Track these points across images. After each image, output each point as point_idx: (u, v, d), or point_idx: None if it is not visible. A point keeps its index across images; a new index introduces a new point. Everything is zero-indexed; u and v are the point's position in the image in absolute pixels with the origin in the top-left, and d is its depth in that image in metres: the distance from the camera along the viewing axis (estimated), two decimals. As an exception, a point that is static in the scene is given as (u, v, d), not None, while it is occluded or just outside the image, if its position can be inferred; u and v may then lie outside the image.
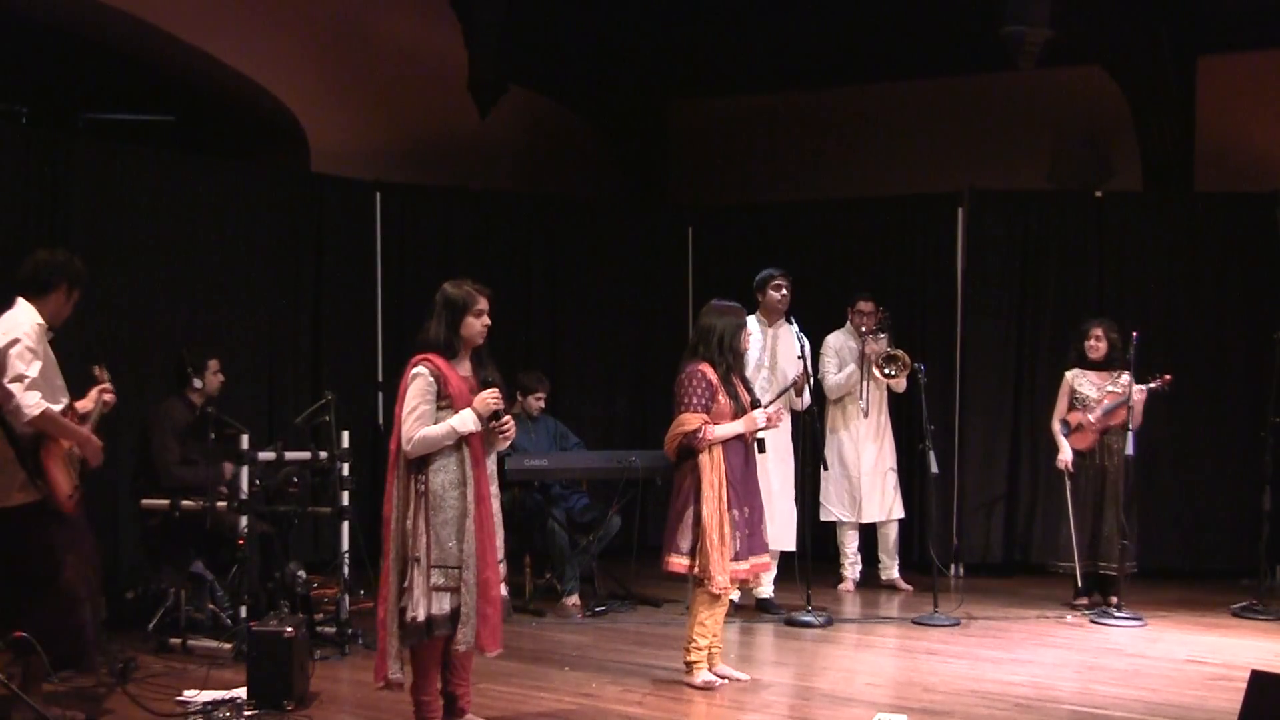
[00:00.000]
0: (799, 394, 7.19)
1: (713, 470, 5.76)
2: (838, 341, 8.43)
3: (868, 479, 8.37)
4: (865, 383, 8.27)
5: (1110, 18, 9.15)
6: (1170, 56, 9.36)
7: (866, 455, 8.37)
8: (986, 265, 9.28)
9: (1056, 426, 7.97)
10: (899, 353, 8.18)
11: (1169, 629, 7.37)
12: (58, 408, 5.17)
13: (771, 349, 7.56)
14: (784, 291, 7.46)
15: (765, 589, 7.61)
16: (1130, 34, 9.30)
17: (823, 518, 8.48)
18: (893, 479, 8.36)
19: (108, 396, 5.57)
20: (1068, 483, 7.85)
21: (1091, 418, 7.77)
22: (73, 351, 7.21)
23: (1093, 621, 7.47)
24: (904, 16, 9.78)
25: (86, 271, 5.40)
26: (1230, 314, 9.11)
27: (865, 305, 8.36)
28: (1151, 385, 7.69)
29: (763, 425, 5.97)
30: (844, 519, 8.46)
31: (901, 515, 8.46)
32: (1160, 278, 9.19)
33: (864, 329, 8.30)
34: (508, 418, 5.00)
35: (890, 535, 8.56)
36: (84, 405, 5.52)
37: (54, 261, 5.27)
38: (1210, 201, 9.31)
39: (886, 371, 8.14)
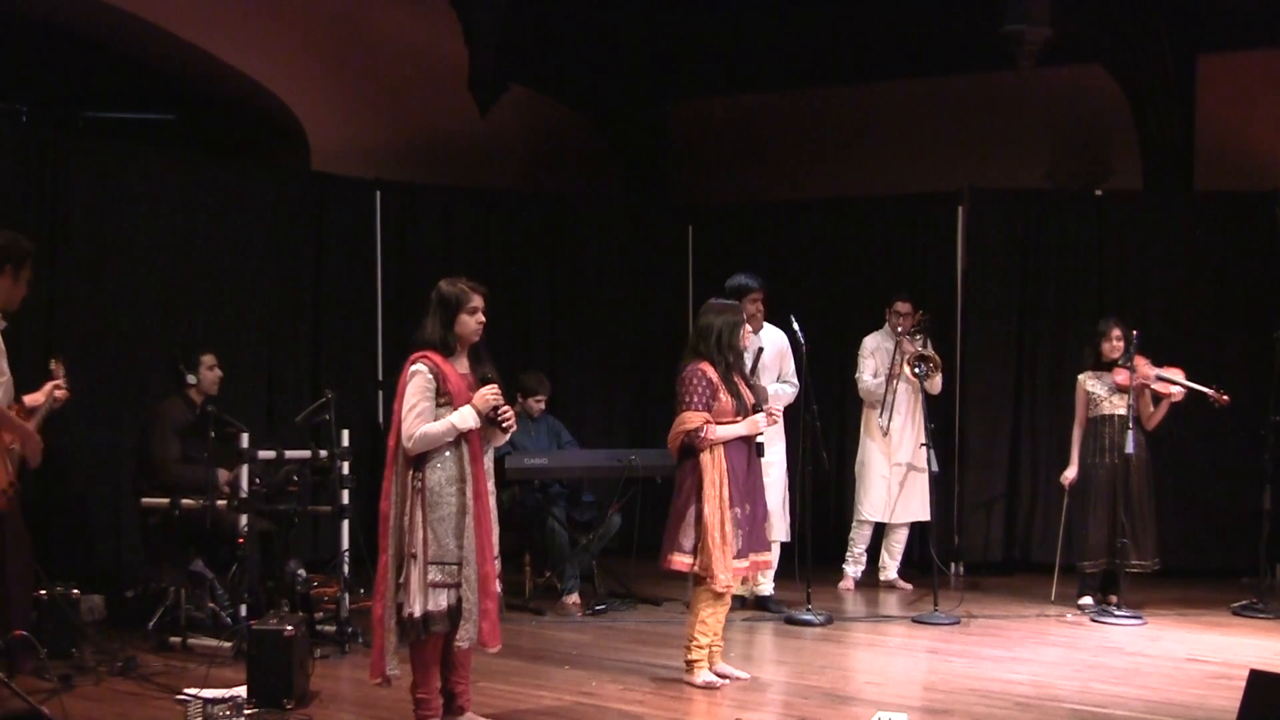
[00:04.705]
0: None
1: (714, 468, 5.76)
2: (874, 343, 8.42)
3: (898, 477, 8.36)
4: (893, 387, 8.24)
5: (1110, 17, 9.16)
6: (1170, 55, 9.36)
7: (899, 454, 8.35)
8: (986, 265, 9.28)
9: (1077, 435, 7.95)
10: (929, 353, 8.17)
11: (1169, 627, 7.37)
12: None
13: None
14: (759, 305, 7.35)
15: (766, 586, 7.61)
16: (1130, 33, 9.30)
17: (854, 516, 8.51)
18: (924, 479, 8.16)
19: (59, 393, 5.53)
20: (1084, 484, 7.86)
21: (1151, 370, 7.74)
22: (70, 350, 7.26)
23: (1093, 620, 7.47)
24: (904, 16, 9.78)
25: (32, 247, 5.33)
26: (1230, 313, 9.10)
27: (903, 306, 8.33)
28: (1210, 391, 7.72)
29: (764, 427, 5.98)
30: (869, 518, 8.44)
31: (928, 517, 8.39)
32: (1160, 277, 9.19)
33: (900, 329, 8.27)
34: (507, 407, 5.00)
35: (900, 537, 8.55)
36: (34, 399, 5.47)
37: None
38: (1210, 201, 9.31)
39: (916, 371, 8.12)
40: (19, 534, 5.40)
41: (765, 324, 7.48)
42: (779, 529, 7.57)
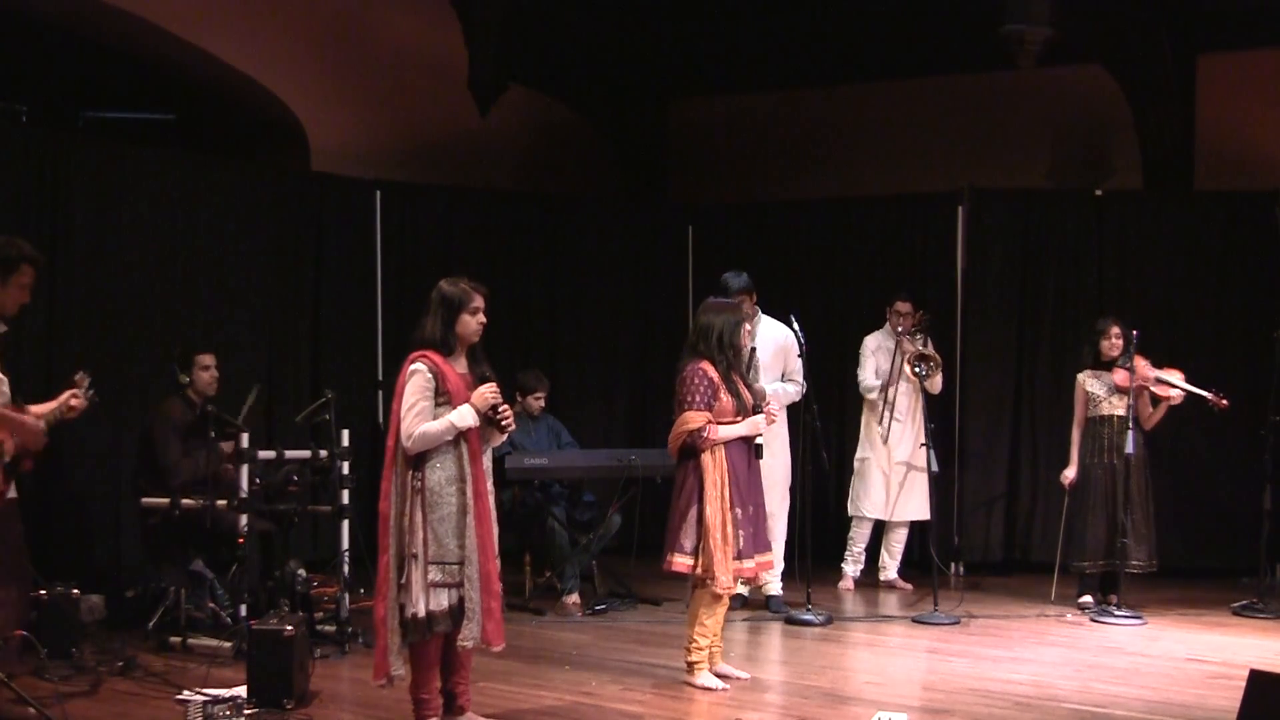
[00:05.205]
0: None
1: (715, 469, 5.74)
2: (875, 342, 8.42)
3: (898, 476, 8.36)
4: (894, 388, 8.25)
5: (1110, 17, 9.15)
6: (1170, 55, 9.36)
7: (899, 453, 8.35)
8: (986, 265, 9.28)
9: (1076, 434, 7.95)
10: (930, 352, 8.17)
11: (1169, 627, 7.38)
12: None
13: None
14: (752, 303, 7.38)
15: (774, 586, 7.61)
16: (1130, 33, 9.29)
17: (851, 513, 8.52)
18: (924, 479, 8.16)
19: (75, 402, 5.47)
20: (1082, 485, 7.87)
21: (1150, 372, 7.76)
22: (70, 349, 7.28)
23: (1093, 620, 7.48)
24: (904, 16, 9.78)
25: (31, 253, 5.27)
26: (1230, 313, 9.11)
27: (903, 306, 8.32)
28: (1209, 394, 7.73)
29: (764, 428, 5.98)
30: (868, 515, 8.44)
31: (928, 516, 8.39)
32: (1160, 277, 9.19)
33: (900, 329, 8.28)
34: (506, 406, 5.00)
35: (900, 536, 8.55)
36: (41, 409, 5.43)
37: None
38: (1210, 201, 9.31)
39: (917, 370, 8.12)
40: (12, 535, 5.36)
41: (766, 319, 7.48)
42: (779, 529, 7.57)
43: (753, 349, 6.90)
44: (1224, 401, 7.76)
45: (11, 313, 5.26)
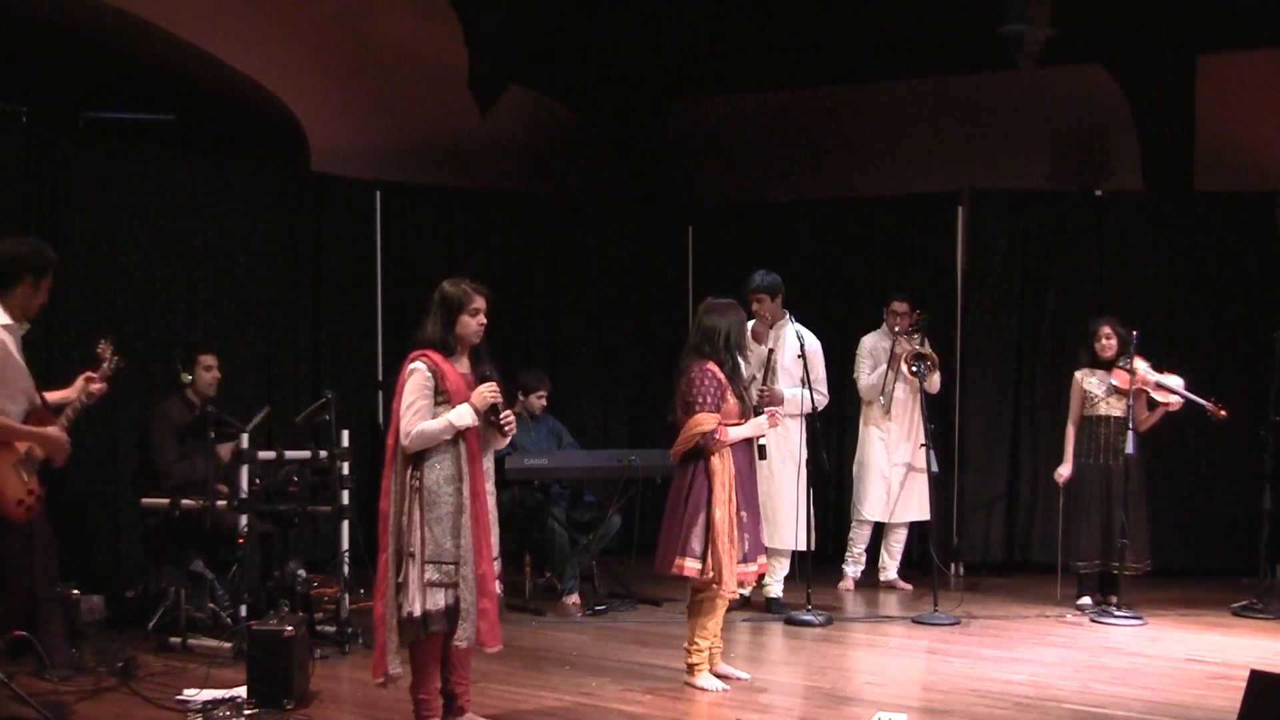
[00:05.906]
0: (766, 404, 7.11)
1: (724, 472, 5.72)
2: (872, 342, 8.42)
3: (898, 477, 8.35)
4: (893, 382, 8.25)
5: (1110, 17, 9.16)
6: (1170, 56, 9.36)
7: (899, 454, 8.35)
8: (986, 265, 9.28)
9: (1071, 432, 7.96)
10: (927, 351, 8.18)
11: (1169, 628, 7.38)
12: (16, 408, 5.08)
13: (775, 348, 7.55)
14: (764, 306, 7.41)
15: (775, 588, 7.61)
16: (1130, 34, 9.30)
17: (853, 516, 8.51)
18: (923, 479, 8.16)
19: (94, 387, 5.44)
20: (1077, 485, 7.87)
21: (1151, 376, 7.74)
22: (71, 350, 7.27)
23: (1093, 620, 7.48)
24: (904, 16, 9.78)
25: (55, 258, 5.32)
26: (1230, 313, 9.11)
27: (899, 305, 8.34)
28: (1207, 404, 7.71)
29: (767, 430, 5.98)
30: (869, 518, 8.44)
31: (928, 517, 8.40)
32: (1160, 277, 9.19)
33: (897, 329, 8.28)
34: (507, 411, 5.00)
35: (900, 537, 8.55)
36: (59, 395, 5.41)
37: (14, 254, 5.18)
38: (1210, 201, 9.31)
39: (914, 370, 8.13)
40: (40, 543, 5.37)
41: (792, 325, 7.46)
42: (788, 536, 7.54)
43: (770, 350, 6.89)
44: (1223, 412, 7.73)
45: (33, 313, 5.30)
